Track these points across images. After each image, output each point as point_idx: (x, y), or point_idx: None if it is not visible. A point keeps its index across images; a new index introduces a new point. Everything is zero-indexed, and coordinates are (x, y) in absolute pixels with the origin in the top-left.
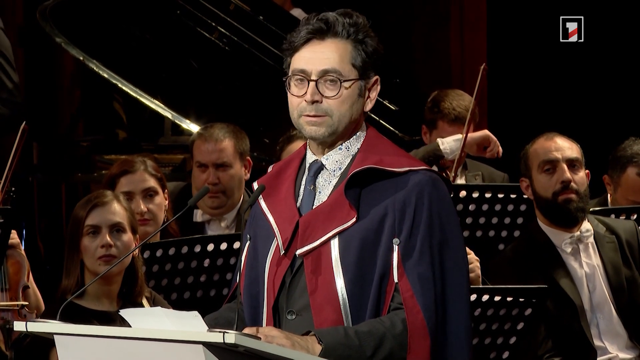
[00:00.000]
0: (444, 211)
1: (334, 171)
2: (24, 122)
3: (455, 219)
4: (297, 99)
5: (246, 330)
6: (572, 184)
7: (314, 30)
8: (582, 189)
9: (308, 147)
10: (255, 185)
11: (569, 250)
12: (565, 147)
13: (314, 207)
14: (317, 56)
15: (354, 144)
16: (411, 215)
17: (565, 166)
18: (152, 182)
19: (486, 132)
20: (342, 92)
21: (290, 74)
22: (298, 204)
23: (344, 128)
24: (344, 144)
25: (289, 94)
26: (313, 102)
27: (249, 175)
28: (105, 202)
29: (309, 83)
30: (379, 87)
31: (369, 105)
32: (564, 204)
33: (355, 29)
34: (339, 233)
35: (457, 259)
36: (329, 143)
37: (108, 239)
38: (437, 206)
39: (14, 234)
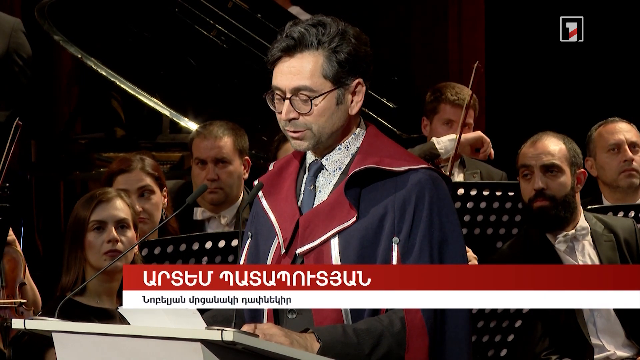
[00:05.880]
0: (444, 210)
1: (334, 171)
2: (17, 119)
3: (455, 218)
4: (279, 114)
5: (245, 328)
6: (546, 191)
7: (283, 47)
8: (560, 194)
9: None
10: (256, 183)
11: (562, 248)
12: (543, 151)
13: (314, 206)
14: (288, 73)
15: (353, 143)
16: (411, 214)
17: (539, 173)
18: (147, 181)
19: (480, 133)
20: (314, 108)
21: (271, 89)
22: (299, 203)
23: (327, 137)
24: (342, 143)
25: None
26: (290, 120)
27: (247, 174)
28: (110, 198)
29: (284, 100)
30: (364, 89)
31: (355, 109)
32: (538, 212)
33: (327, 38)
34: (339, 232)
35: (456, 258)
36: (321, 149)
37: (115, 234)
38: (437, 205)
39: (9, 231)
